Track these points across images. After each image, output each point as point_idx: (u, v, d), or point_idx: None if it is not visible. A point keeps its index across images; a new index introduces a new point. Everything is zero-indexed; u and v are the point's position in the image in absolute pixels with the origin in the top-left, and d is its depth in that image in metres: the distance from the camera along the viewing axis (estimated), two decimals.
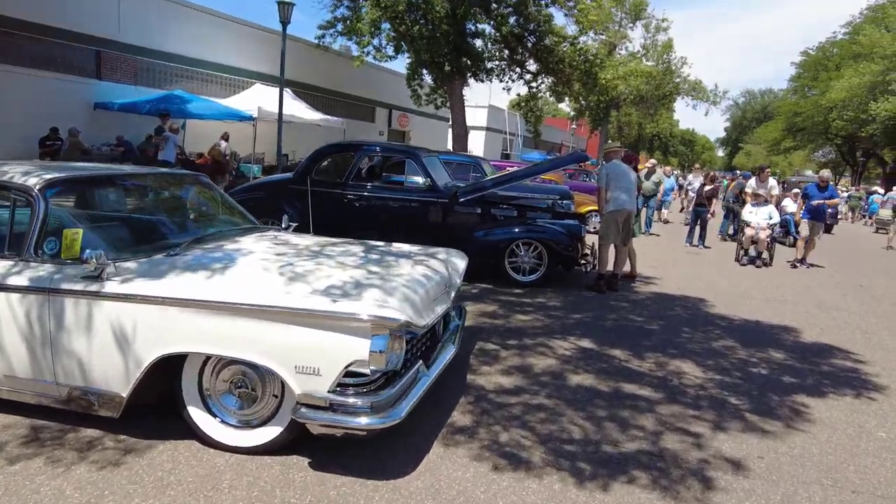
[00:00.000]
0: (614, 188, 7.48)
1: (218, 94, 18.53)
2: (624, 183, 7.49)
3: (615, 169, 7.58)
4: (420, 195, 7.36)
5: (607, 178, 7.58)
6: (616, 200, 7.49)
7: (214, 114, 15.60)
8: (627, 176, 7.55)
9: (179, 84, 17.35)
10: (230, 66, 19.02)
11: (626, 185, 7.50)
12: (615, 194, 7.49)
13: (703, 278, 8.87)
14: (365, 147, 7.50)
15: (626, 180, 7.52)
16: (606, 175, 7.62)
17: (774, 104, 67.07)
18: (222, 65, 18.76)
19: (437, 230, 7.35)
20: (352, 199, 7.35)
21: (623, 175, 7.53)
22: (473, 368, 4.43)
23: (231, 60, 18.96)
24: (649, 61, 38.15)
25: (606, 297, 7.13)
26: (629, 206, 7.52)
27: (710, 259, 10.84)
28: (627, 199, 7.47)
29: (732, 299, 7.54)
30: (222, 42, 18.62)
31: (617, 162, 7.73)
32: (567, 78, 22.02)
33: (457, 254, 4.65)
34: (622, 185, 7.47)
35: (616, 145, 8.12)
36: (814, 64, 39.87)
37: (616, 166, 7.63)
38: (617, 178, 7.51)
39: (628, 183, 7.53)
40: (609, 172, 7.60)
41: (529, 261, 7.23)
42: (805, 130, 39.71)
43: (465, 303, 6.17)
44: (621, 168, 7.59)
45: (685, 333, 5.82)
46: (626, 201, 7.47)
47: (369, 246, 4.18)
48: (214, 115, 15.63)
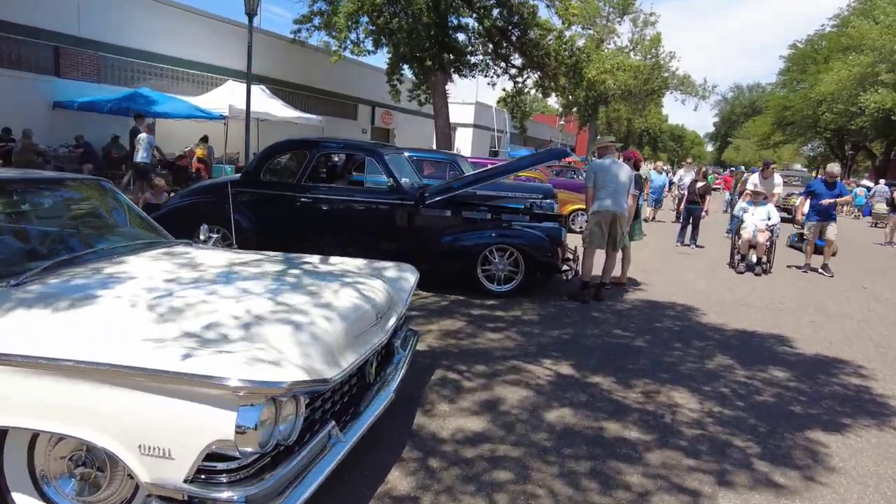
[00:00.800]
0: (601, 188, 6.80)
1: (189, 92, 17.65)
2: (611, 182, 6.76)
3: (602, 166, 6.86)
4: (382, 197, 6.59)
5: (595, 177, 6.88)
6: (600, 201, 6.80)
7: (182, 112, 14.76)
8: (617, 175, 6.80)
9: (148, 82, 16.48)
10: (201, 62, 18.15)
11: (614, 185, 6.75)
12: (600, 195, 6.81)
13: (695, 283, 8.16)
14: (321, 144, 6.73)
15: (614, 179, 6.77)
16: (594, 173, 6.92)
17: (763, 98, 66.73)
18: (193, 61, 17.88)
19: (402, 236, 6.60)
20: (306, 203, 6.58)
21: (611, 173, 6.79)
22: (427, 407, 3.67)
23: (202, 56, 18.08)
24: (637, 56, 37.52)
25: (589, 307, 6.40)
26: (615, 207, 6.77)
27: (703, 260, 10.13)
28: (613, 200, 6.74)
29: (727, 307, 6.83)
30: (193, 37, 17.74)
31: (608, 159, 6.97)
32: (553, 72, 21.28)
33: (406, 270, 3.91)
34: (609, 185, 6.75)
35: (609, 139, 7.22)
36: (802, 57, 39.35)
37: (604, 164, 6.89)
38: (604, 177, 6.79)
39: (617, 182, 6.77)
40: (596, 170, 6.90)
41: (504, 268, 6.48)
42: (794, 124, 39.20)
43: (430, 319, 5.43)
44: (611, 166, 6.85)
45: (676, 350, 5.09)
46: (612, 203, 6.75)
47: (295, 263, 3.43)
48: (182, 113, 14.78)
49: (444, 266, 6.50)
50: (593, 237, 6.88)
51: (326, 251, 6.79)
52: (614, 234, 6.83)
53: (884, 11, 30.19)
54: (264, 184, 6.68)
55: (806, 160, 54.99)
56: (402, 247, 6.59)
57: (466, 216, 6.72)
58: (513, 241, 6.42)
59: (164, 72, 17.29)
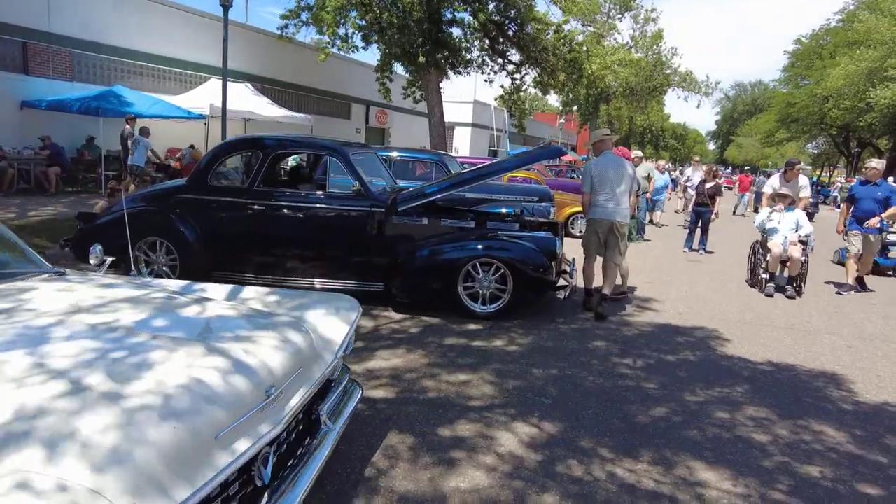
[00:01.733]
0: (598, 191, 5.90)
1: (171, 91, 16.73)
2: (609, 184, 5.84)
3: (601, 165, 5.94)
4: (347, 203, 5.61)
5: (591, 179, 5.96)
6: (595, 206, 5.94)
7: (159, 112, 13.79)
8: (616, 174, 5.86)
9: (127, 80, 15.53)
10: (183, 59, 17.18)
11: (612, 188, 5.83)
12: (597, 199, 5.93)
13: (709, 298, 7.15)
14: (275, 142, 5.75)
15: (612, 181, 5.85)
16: (590, 175, 6.00)
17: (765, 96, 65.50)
18: (175, 59, 16.92)
19: (370, 248, 5.62)
20: (258, 211, 5.60)
21: (609, 174, 5.85)
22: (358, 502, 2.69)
23: (184, 54, 17.12)
24: (639, 53, 36.47)
25: (590, 331, 5.41)
26: (612, 215, 5.86)
27: (714, 269, 9.11)
28: (613, 205, 5.87)
29: (749, 329, 5.82)
30: (174, 34, 16.78)
31: (606, 155, 6.03)
32: (552, 68, 20.27)
33: (344, 306, 2.93)
34: (607, 188, 5.84)
35: (604, 132, 6.29)
36: (807, 53, 38.18)
37: (602, 162, 5.97)
38: (601, 178, 5.86)
39: (616, 183, 5.84)
40: (592, 171, 5.97)
41: (490, 286, 5.49)
42: (799, 121, 38.03)
43: (394, 351, 4.43)
44: (610, 163, 5.91)
45: (696, 396, 4.09)
46: (610, 209, 5.87)
47: (173, 305, 2.45)
48: (159, 113, 13.82)
49: (419, 283, 5.52)
50: (590, 246, 6.11)
51: (281, 266, 5.77)
52: (612, 243, 5.94)
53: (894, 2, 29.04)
54: (211, 190, 5.71)
55: (810, 158, 53.78)
56: (370, 261, 5.63)
57: (446, 225, 5.73)
58: (499, 254, 5.42)
59: (144, 70, 16.34)
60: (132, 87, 15.21)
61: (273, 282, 5.68)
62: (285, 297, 2.92)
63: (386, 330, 5.07)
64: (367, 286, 5.67)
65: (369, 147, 6.54)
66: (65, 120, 13.41)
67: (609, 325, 5.63)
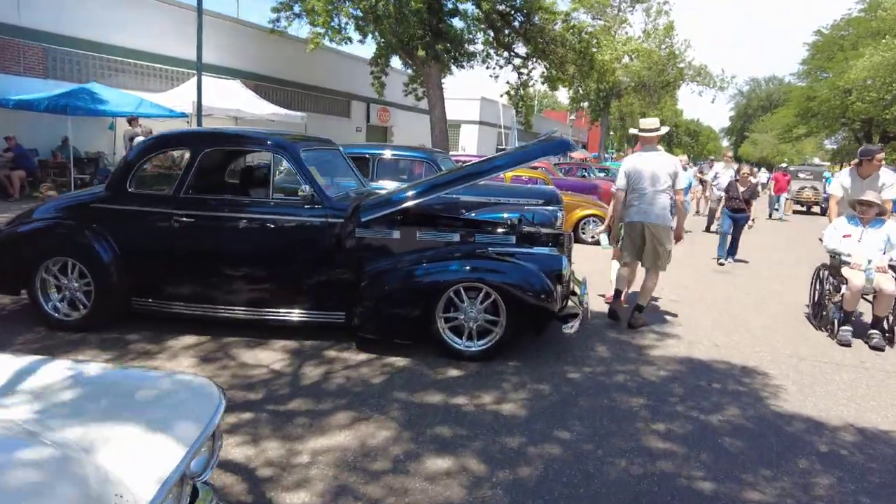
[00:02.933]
0: (632, 191, 5.31)
1: (155, 88, 15.67)
2: (644, 182, 5.21)
3: (638, 160, 5.30)
4: (296, 213, 4.41)
5: (626, 174, 5.33)
6: (628, 207, 5.36)
7: (137, 111, 12.70)
8: (655, 172, 5.19)
9: (108, 78, 14.50)
10: (167, 55, 16.10)
11: (647, 186, 5.20)
12: (630, 199, 5.33)
13: (750, 323, 5.87)
14: (206, 137, 4.58)
15: (648, 178, 5.20)
16: (625, 172, 5.36)
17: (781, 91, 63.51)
18: (158, 55, 15.84)
19: (325, 269, 4.43)
20: (187, 224, 4.41)
21: (646, 172, 5.21)
22: None
23: (168, 49, 16.03)
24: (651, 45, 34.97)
25: (607, 376, 4.17)
26: (644, 217, 5.22)
27: (748, 284, 7.80)
28: (646, 206, 5.23)
29: (809, 371, 4.55)
30: (156, 28, 15.68)
31: (648, 151, 5.36)
32: (560, 60, 18.97)
33: (195, 404, 1.72)
34: (641, 188, 5.23)
35: (651, 124, 5.43)
36: (828, 44, 36.41)
37: (641, 157, 5.33)
38: (638, 174, 5.25)
39: (652, 182, 5.19)
40: (628, 168, 5.34)
41: (478, 318, 4.27)
42: (819, 115, 36.30)
43: (333, 417, 3.20)
44: (649, 160, 5.26)
45: (761, 487, 2.84)
46: (643, 210, 5.24)
47: None
48: (137, 112, 12.72)
49: (387, 315, 4.31)
50: (624, 249, 5.51)
51: (214, 293, 4.39)
52: (653, 253, 5.28)
53: None
54: (132, 198, 4.53)
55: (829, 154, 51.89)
56: (327, 285, 4.44)
57: (424, 239, 4.52)
58: (489, 276, 4.20)
59: (125, 66, 15.28)
60: (113, 84, 14.17)
61: (204, 313, 4.51)
62: (98, 388, 1.73)
63: (338, 380, 3.86)
64: (324, 317, 4.48)
65: (331, 143, 5.32)
66: (42, 120, 12.35)
67: (631, 365, 4.39)
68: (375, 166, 7.83)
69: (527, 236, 4.80)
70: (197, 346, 4.35)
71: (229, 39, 17.74)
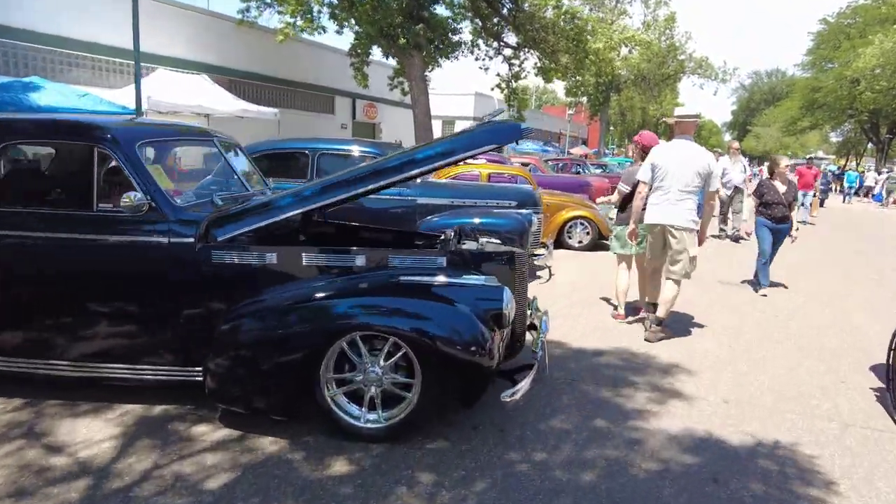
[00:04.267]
0: (656, 184, 4.70)
1: (114, 84, 14.38)
2: (671, 178, 4.61)
3: (668, 152, 4.70)
4: (124, 230, 3.05)
5: (653, 166, 4.70)
6: (649, 206, 4.77)
7: (73, 107, 11.36)
8: (684, 168, 4.57)
9: (61, 74, 13.26)
10: (126, 49, 14.76)
11: (673, 183, 4.61)
12: (653, 196, 4.74)
13: (775, 370, 4.48)
14: (7, 128, 3.24)
15: (675, 174, 4.60)
16: (650, 164, 4.72)
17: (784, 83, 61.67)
18: (116, 48, 14.51)
19: (168, 311, 3.07)
20: None
21: (674, 164, 4.60)
22: None
23: (127, 42, 14.68)
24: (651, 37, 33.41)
25: (573, 464, 2.79)
26: (665, 218, 4.66)
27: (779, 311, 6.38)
28: (669, 206, 4.65)
29: (862, 443, 3.16)
30: (114, 19, 14.31)
31: (680, 142, 4.70)
32: (552, 49, 17.52)
33: None
34: (666, 183, 4.64)
35: (688, 110, 4.91)
36: (834, 33, 34.75)
37: (671, 148, 4.71)
38: (665, 169, 4.63)
39: (680, 179, 4.59)
40: (654, 160, 4.71)
41: (382, 378, 2.91)
42: (825, 107, 34.66)
43: None
44: (680, 152, 4.64)
45: None
46: (664, 210, 4.67)
47: None
48: (75, 108, 11.38)
49: (251, 377, 2.94)
50: (648, 250, 4.96)
51: (18, 341, 2.99)
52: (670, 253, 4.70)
53: None
54: None
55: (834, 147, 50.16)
56: (174, 330, 3.09)
57: (313, 263, 3.15)
58: (394, 321, 2.83)
59: (76, 60, 13.97)
60: (69, 80, 12.92)
61: (19, 369, 3.17)
62: None
63: (167, 474, 2.52)
64: (175, 374, 3.13)
65: (207, 134, 3.93)
66: None
67: (610, 446, 3.01)
68: (315, 164, 6.49)
69: (466, 256, 3.42)
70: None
71: (198, 32, 16.41)
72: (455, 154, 3.27)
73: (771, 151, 63.78)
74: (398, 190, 6.37)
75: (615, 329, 5.03)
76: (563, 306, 5.63)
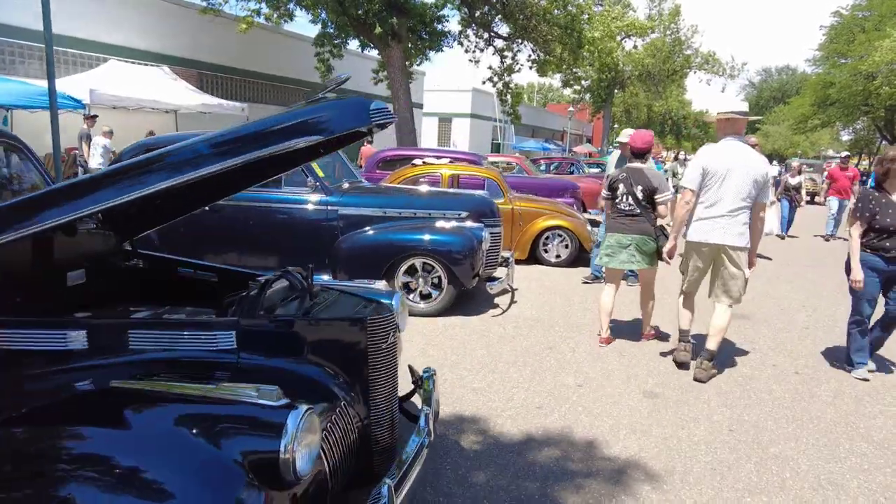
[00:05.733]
0: (704, 193, 3.81)
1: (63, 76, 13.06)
2: (724, 186, 3.73)
3: (719, 155, 3.77)
4: None
5: (702, 171, 3.80)
6: (697, 220, 3.85)
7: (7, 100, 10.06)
8: (739, 174, 3.70)
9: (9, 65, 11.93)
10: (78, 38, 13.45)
11: (727, 192, 3.71)
12: (699, 207, 3.84)
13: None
14: None
15: (729, 184, 3.73)
16: (700, 169, 3.81)
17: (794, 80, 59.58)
18: (63, 36, 13.18)
19: None
20: None
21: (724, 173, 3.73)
22: None
23: (76, 30, 13.37)
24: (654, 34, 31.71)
25: None
26: (722, 235, 3.76)
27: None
28: (725, 220, 3.73)
29: None
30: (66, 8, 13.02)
31: (731, 142, 3.80)
32: (544, 38, 16.01)
33: None
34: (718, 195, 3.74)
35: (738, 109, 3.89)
36: (848, 26, 32.79)
37: (722, 150, 3.79)
38: (716, 174, 3.74)
39: (735, 188, 3.70)
40: (706, 160, 3.80)
41: None
42: (839, 103, 32.74)
43: None
44: (733, 157, 3.73)
45: None
46: (719, 226, 3.75)
47: None
48: (6, 103, 10.09)
49: None
50: (687, 276, 4.07)
51: None
52: (722, 277, 3.89)
53: None
54: None
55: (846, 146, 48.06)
56: None
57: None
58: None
59: (20, 50, 12.66)
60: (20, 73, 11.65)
61: None
62: None
63: None
64: None
65: None
66: None
67: None
68: None
69: (275, 329, 1.96)
70: None
71: (158, 20, 15.00)
72: (257, 147, 1.85)
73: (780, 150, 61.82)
74: (324, 199, 4.99)
75: (572, 402, 3.56)
76: (507, 362, 4.16)
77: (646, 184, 4.27)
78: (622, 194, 4.36)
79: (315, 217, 5.01)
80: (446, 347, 4.32)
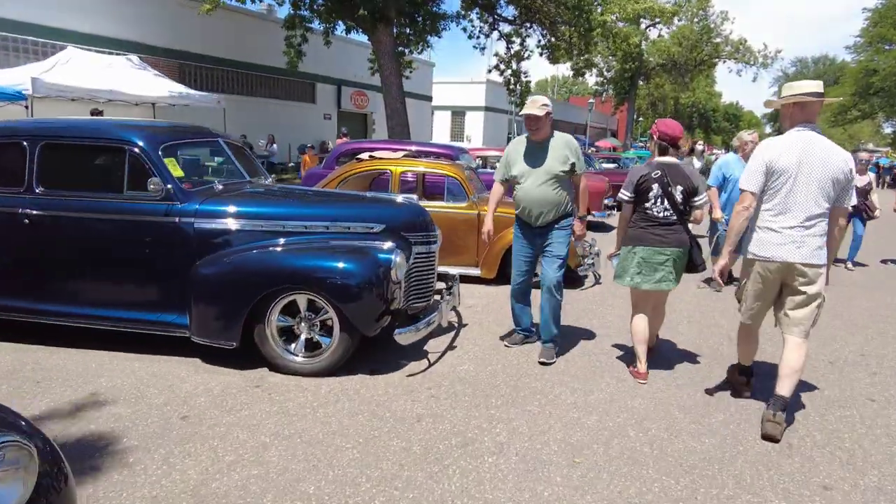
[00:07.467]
0: (770, 199, 2.93)
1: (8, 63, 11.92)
2: (795, 192, 2.85)
3: (787, 148, 2.85)
4: None
5: (766, 166, 2.89)
6: (760, 230, 2.98)
7: None
8: (817, 174, 2.81)
9: None
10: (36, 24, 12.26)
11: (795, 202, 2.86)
12: (764, 215, 2.96)
13: None
14: None
15: (803, 184, 2.83)
16: (765, 160, 2.89)
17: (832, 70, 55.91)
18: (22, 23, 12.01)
19: None
20: None
21: (796, 170, 2.83)
22: None
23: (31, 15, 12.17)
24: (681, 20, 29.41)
25: None
26: (792, 251, 2.87)
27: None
28: (798, 233, 2.86)
29: None
30: None
31: (804, 133, 2.85)
32: (552, 21, 14.24)
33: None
34: (791, 200, 2.86)
35: (809, 87, 2.86)
36: (894, 8, 29.85)
37: (792, 144, 2.85)
38: (788, 176, 2.84)
39: (814, 193, 2.83)
40: (771, 156, 2.87)
41: None
42: (883, 92, 29.92)
43: None
44: (806, 149, 2.82)
45: None
46: (794, 240, 2.86)
47: None
48: None
49: None
50: (749, 300, 3.12)
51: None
52: (792, 299, 2.96)
53: None
54: None
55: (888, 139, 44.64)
56: None
57: None
58: None
59: None
60: None
61: None
62: None
63: None
64: None
65: None
66: None
67: None
68: (35, 160, 3.65)
69: None
70: None
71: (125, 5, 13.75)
72: None
73: None
74: (170, 207, 3.50)
75: None
76: (379, 479, 2.58)
77: (686, 183, 3.43)
78: (655, 197, 3.42)
79: (156, 234, 3.49)
80: (296, 441, 2.76)
